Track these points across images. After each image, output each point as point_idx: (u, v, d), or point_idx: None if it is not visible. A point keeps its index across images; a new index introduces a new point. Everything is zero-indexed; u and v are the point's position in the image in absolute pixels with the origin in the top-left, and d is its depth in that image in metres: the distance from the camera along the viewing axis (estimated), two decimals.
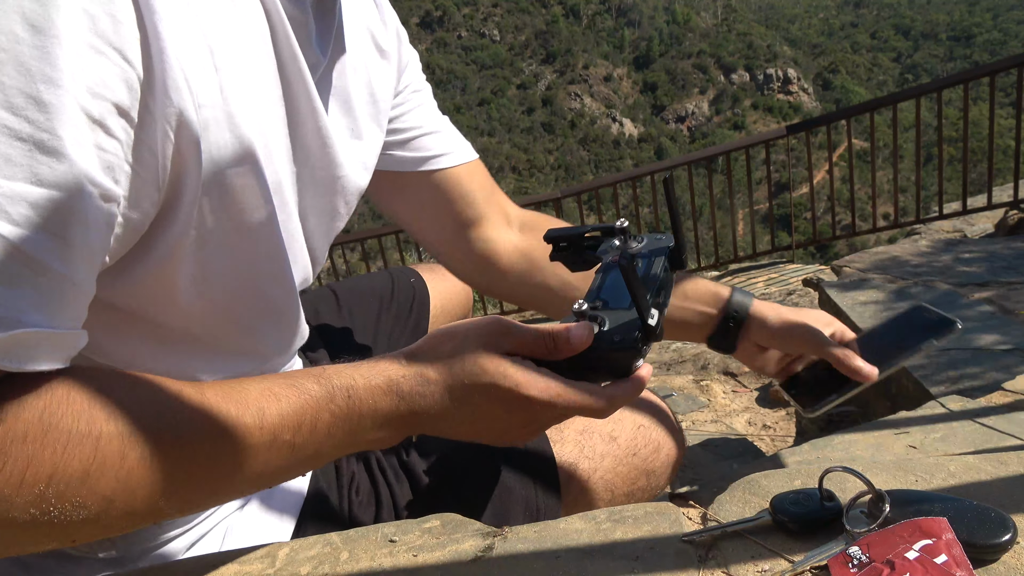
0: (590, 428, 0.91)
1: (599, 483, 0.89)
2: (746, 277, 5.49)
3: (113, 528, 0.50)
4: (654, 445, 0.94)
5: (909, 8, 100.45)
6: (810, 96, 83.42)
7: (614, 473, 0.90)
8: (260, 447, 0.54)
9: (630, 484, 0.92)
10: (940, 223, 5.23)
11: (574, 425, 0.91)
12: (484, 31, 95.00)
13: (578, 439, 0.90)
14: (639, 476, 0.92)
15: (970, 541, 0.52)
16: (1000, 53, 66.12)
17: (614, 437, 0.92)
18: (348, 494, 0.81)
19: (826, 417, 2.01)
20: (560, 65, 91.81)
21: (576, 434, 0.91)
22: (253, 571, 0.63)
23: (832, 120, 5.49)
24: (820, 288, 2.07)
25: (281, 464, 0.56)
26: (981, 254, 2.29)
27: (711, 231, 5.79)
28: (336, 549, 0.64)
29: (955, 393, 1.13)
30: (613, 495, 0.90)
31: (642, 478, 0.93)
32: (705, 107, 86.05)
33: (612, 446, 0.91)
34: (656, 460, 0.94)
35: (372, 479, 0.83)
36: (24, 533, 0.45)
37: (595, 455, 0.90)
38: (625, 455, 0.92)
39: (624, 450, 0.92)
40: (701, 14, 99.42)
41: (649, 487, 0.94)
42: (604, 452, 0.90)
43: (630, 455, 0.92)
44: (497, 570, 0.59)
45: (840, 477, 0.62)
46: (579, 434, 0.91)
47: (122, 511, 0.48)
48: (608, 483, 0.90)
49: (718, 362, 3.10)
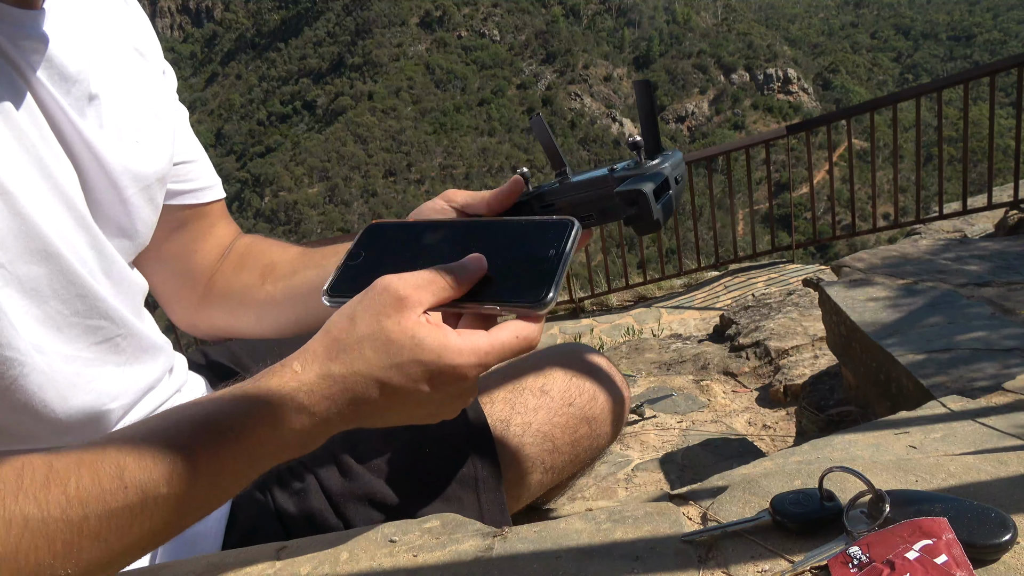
0: (520, 386, 0.94)
1: (536, 436, 0.91)
2: (746, 277, 5.49)
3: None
4: (590, 394, 0.96)
5: (909, 8, 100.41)
6: (810, 96, 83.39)
7: (551, 424, 0.93)
8: (131, 509, 0.49)
9: (571, 433, 0.94)
10: (940, 223, 5.23)
11: (503, 385, 0.93)
12: (484, 31, 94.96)
13: (507, 397, 0.93)
14: (579, 424, 0.95)
15: (970, 541, 0.52)
16: (1000, 53, 66.11)
17: (546, 391, 0.94)
18: (271, 487, 0.82)
19: (826, 417, 2.01)
20: (560, 65, 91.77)
21: (505, 393, 0.93)
22: (253, 571, 0.63)
23: (832, 120, 5.50)
24: (820, 288, 2.07)
25: (171, 517, 0.51)
26: (981, 254, 2.29)
27: (711, 231, 5.79)
28: (336, 549, 0.64)
29: (955, 393, 1.13)
30: (555, 445, 0.93)
31: (583, 426, 0.95)
32: (705, 107, 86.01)
33: (544, 399, 0.93)
34: (595, 407, 0.96)
35: (292, 469, 0.84)
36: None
37: (527, 410, 0.92)
38: (560, 406, 0.94)
39: (558, 401, 0.94)
40: (701, 14, 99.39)
41: (594, 434, 0.97)
42: (537, 406, 0.93)
43: (565, 405, 0.94)
44: (497, 570, 0.59)
45: (840, 477, 0.62)
46: (508, 392, 0.93)
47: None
48: (546, 434, 0.92)
49: (718, 362, 3.10)
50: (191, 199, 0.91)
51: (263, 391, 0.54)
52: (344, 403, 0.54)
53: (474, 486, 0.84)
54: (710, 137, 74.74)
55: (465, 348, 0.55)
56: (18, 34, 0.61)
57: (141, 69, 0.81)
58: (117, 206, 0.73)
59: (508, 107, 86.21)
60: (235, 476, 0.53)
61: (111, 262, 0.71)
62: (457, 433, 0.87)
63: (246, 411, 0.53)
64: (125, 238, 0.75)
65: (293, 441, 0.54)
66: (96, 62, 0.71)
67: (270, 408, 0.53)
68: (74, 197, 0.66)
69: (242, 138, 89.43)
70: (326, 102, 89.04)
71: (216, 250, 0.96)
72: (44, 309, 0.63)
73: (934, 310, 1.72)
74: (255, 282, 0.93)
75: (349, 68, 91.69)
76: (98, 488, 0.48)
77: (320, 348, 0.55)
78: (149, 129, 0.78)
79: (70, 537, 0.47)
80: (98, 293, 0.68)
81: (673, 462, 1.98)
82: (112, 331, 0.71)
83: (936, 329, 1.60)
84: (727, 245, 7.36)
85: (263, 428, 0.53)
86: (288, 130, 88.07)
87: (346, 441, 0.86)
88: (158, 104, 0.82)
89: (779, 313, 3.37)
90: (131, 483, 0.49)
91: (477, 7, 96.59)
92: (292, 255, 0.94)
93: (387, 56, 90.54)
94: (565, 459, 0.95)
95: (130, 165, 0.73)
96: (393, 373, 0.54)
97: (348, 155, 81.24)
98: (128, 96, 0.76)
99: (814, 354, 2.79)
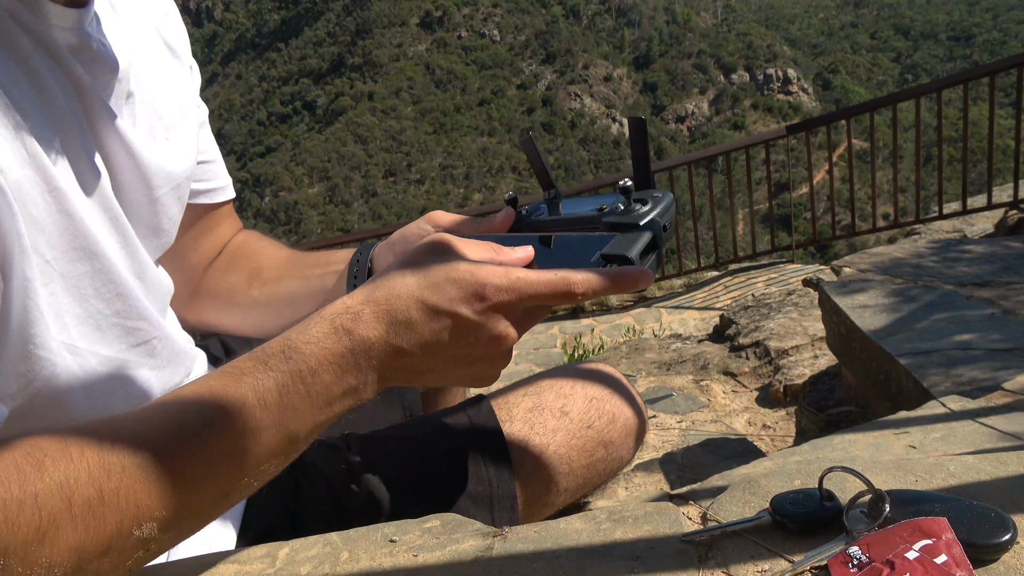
0: (540, 405, 0.93)
1: (553, 457, 0.90)
2: (746, 277, 5.50)
3: (105, 568, 0.48)
4: (609, 416, 0.95)
5: (909, 8, 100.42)
6: (810, 96, 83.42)
7: (568, 447, 0.92)
8: (247, 430, 0.51)
9: (588, 456, 0.93)
10: (940, 223, 5.24)
11: (523, 404, 0.92)
12: (484, 31, 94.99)
13: (527, 416, 0.92)
14: (596, 447, 0.94)
15: (970, 541, 0.52)
16: (1000, 53, 66.09)
17: (565, 412, 0.93)
18: (285, 496, 0.83)
19: (826, 417, 2.01)
20: (560, 65, 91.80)
21: (525, 412, 0.92)
22: (253, 571, 0.63)
23: (832, 120, 5.50)
24: (820, 288, 2.07)
25: (270, 448, 0.53)
26: (981, 254, 2.29)
27: (711, 231, 5.79)
28: (336, 549, 0.64)
29: (955, 393, 1.13)
30: (571, 467, 0.92)
31: (600, 449, 0.94)
32: (705, 107, 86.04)
33: (564, 420, 0.93)
34: (613, 431, 0.95)
35: (308, 478, 0.84)
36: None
37: (546, 430, 0.91)
38: (578, 428, 0.93)
39: (577, 423, 0.93)
40: (701, 14, 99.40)
41: (610, 458, 0.96)
42: (556, 427, 0.92)
43: (584, 428, 0.93)
44: (497, 570, 0.59)
45: (840, 477, 0.62)
46: (528, 411, 0.92)
47: (98, 551, 0.46)
48: (563, 456, 0.91)
49: (718, 362, 3.10)
50: (207, 199, 0.91)
51: (318, 314, 0.56)
52: (387, 327, 0.56)
53: (488, 504, 0.84)
54: (710, 137, 74.77)
55: (499, 270, 0.57)
56: (66, 33, 0.61)
57: (171, 66, 0.80)
58: (147, 206, 0.73)
59: (508, 107, 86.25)
60: (299, 413, 0.54)
61: (143, 264, 0.71)
62: (474, 449, 0.86)
63: (304, 328, 0.56)
64: (153, 237, 0.75)
65: (342, 369, 0.55)
66: (134, 59, 0.71)
67: (323, 325, 0.55)
68: (110, 196, 0.66)
69: (242, 138, 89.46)
70: (326, 102, 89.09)
71: (215, 247, 0.96)
72: (86, 308, 0.62)
73: (934, 310, 1.72)
74: (242, 285, 0.93)
75: (349, 68, 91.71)
76: (186, 424, 0.50)
77: (366, 285, 0.59)
78: (179, 128, 0.78)
79: (164, 478, 0.49)
80: (135, 293, 0.68)
81: (673, 462, 1.98)
82: (150, 333, 0.70)
83: (936, 329, 1.60)
84: (727, 245, 7.37)
85: (317, 345, 0.54)
86: (288, 130, 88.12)
87: (361, 453, 0.86)
88: (186, 102, 0.81)
89: (779, 313, 3.37)
90: (198, 425, 0.51)
91: (477, 7, 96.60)
92: (280, 260, 0.95)
93: (387, 56, 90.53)
94: (579, 482, 0.94)
95: (164, 164, 0.73)
96: (429, 292, 0.56)
97: (348, 155, 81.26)
98: (160, 94, 0.76)
99: (814, 354, 2.79)
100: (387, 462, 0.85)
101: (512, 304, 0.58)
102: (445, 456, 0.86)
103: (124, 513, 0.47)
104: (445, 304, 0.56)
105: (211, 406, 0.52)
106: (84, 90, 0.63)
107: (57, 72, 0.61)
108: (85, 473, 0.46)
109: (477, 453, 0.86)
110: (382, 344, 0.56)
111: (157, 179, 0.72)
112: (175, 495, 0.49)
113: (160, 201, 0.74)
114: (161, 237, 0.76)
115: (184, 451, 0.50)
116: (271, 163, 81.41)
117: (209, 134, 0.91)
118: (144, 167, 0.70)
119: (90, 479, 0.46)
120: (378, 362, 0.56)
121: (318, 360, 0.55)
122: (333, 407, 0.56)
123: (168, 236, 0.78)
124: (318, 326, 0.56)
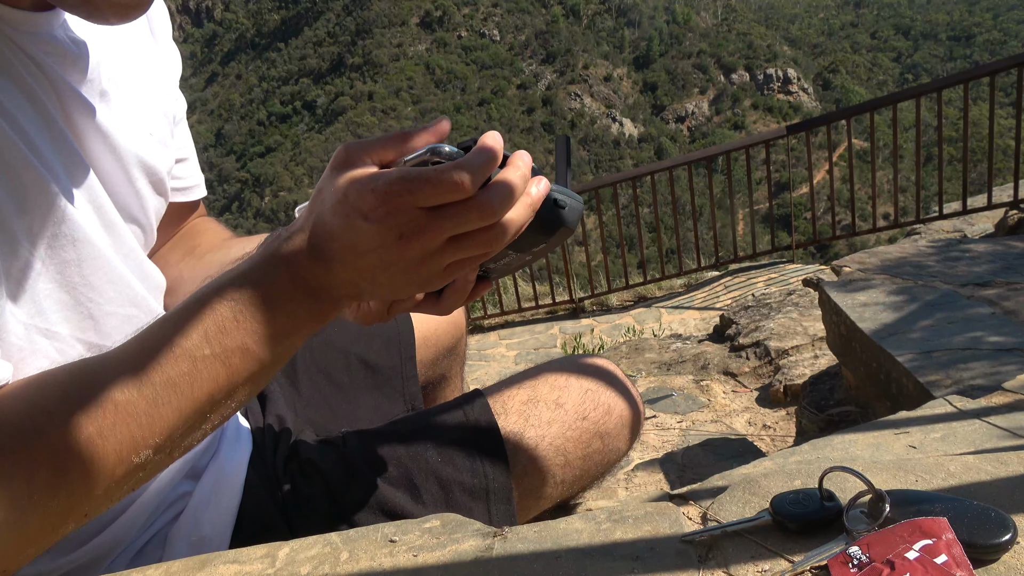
0: (535, 398, 0.93)
1: (549, 449, 0.90)
2: (746, 277, 5.50)
3: (93, 500, 0.54)
4: (604, 408, 0.95)
5: (909, 8, 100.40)
6: (810, 96, 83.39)
7: (564, 438, 0.92)
8: (185, 376, 0.55)
9: (584, 447, 0.93)
10: (940, 223, 5.24)
11: (518, 396, 0.93)
12: (484, 31, 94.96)
13: (522, 409, 0.92)
14: (592, 439, 0.94)
15: (970, 541, 0.52)
16: (1000, 53, 66.09)
17: (560, 404, 0.93)
18: (280, 492, 0.83)
19: (826, 417, 2.01)
20: (560, 65, 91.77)
21: (520, 404, 0.92)
22: (253, 571, 0.63)
23: (832, 120, 5.50)
24: (820, 288, 2.07)
25: (226, 380, 0.57)
26: (981, 254, 2.29)
27: (711, 231, 5.79)
28: (336, 549, 0.64)
29: (955, 393, 1.13)
30: (567, 459, 0.92)
31: (596, 440, 0.94)
32: (705, 107, 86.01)
33: (559, 412, 0.93)
34: (608, 422, 0.95)
35: (303, 474, 0.84)
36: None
37: (541, 423, 0.91)
38: (574, 420, 0.93)
39: (572, 415, 0.93)
40: (701, 14, 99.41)
41: (606, 449, 0.96)
42: (551, 419, 0.92)
43: (579, 419, 0.93)
44: (497, 570, 0.59)
45: (840, 477, 0.62)
46: (523, 404, 0.92)
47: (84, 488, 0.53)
48: (559, 448, 0.91)
49: (718, 362, 3.10)
50: (181, 197, 0.91)
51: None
52: (310, 247, 0.57)
53: (484, 497, 0.84)
54: (710, 137, 74.76)
55: (368, 169, 0.57)
56: (35, 38, 0.62)
57: (152, 52, 0.81)
58: (132, 196, 0.74)
59: (508, 107, 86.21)
60: (255, 334, 0.57)
61: (129, 248, 0.72)
62: (469, 442, 0.87)
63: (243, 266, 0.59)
64: (136, 225, 0.76)
65: (279, 292, 0.58)
66: (112, 53, 0.72)
67: (255, 257, 0.59)
68: (93, 183, 0.67)
69: (242, 138, 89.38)
70: (326, 102, 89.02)
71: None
72: (75, 296, 0.63)
73: (934, 310, 1.72)
74: (175, 259, 0.93)
75: (349, 68, 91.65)
76: (156, 366, 0.55)
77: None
78: (159, 123, 0.79)
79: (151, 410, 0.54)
80: (126, 278, 0.69)
81: (673, 462, 1.98)
82: (145, 321, 0.71)
83: (936, 329, 1.60)
84: (727, 245, 7.37)
85: (251, 271, 0.58)
86: (288, 130, 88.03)
87: (358, 450, 0.86)
88: (165, 95, 0.82)
89: (779, 313, 3.37)
90: (180, 352, 0.55)
91: (477, 7, 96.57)
92: (218, 239, 0.95)
93: (387, 56, 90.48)
94: (576, 473, 0.94)
95: (143, 156, 0.74)
96: (339, 199, 0.56)
97: None
98: (140, 87, 0.76)
99: (814, 354, 2.79)
100: (383, 458, 0.85)
101: (392, 195, 0.54)
102: (440, 451, 0.86)
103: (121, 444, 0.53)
104: (340, 216, 0.56)
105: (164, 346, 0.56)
106: (60, 88, 0.64)
107: (35, 71, 0.62)
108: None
109: (472, 447, 0.86)
110: (312, 257, 0.57)
111: (137, 171, 0.73)
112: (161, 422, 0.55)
113: (141, 193, 0.75)
114: (146, 228, 0.77)
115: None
116: (271, 163, 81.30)
117: (186, 130, 0.91)
118: (123, 158, 0.71)
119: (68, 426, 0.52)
120: (311, 271, 0.58)
121: (265, 292, 0.58)
122: (277, 319, 0.58)
123: (150, 231, 0.79)
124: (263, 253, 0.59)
